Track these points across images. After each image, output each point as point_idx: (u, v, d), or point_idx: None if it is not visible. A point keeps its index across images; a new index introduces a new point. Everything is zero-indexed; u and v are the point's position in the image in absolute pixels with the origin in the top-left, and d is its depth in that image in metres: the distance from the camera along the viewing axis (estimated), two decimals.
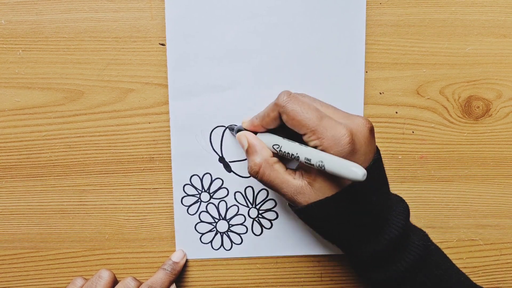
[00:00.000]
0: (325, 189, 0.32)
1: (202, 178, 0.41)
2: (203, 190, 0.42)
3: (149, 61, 0.40)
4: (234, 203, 0.42)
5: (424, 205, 0.43)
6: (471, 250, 0.43)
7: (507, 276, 0.44)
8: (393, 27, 0.41)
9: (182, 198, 0.42)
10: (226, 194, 0.42)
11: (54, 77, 0.40)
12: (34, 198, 0.42)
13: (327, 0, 0.39)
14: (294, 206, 0.35)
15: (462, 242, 0.44)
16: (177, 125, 0.40)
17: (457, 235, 0.44)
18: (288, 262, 0.43)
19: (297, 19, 0.39)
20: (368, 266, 0.35)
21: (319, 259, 0.43)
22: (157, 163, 0.41)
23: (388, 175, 0.42)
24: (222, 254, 0.43)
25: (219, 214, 0.42)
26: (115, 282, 0.39)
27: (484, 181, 0.43)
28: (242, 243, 0.42)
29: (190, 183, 0.41)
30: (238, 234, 0.42)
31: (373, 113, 0.42)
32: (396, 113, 0.42)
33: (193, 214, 0.42)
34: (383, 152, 0.42)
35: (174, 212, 0.42)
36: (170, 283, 0.40)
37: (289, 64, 0.40)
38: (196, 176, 0.41)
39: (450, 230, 0.43)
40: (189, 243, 0.42)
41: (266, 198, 0.42)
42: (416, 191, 0.43)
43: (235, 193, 0.42)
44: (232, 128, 0.40)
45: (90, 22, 0.39)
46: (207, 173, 0.41)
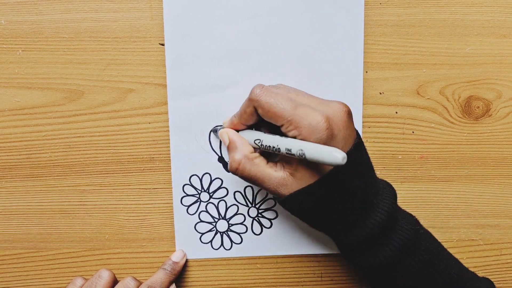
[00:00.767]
0: (306, 178, 0.32)
1: (201, 178, 0.41)
2: (203, 190, 0.42)
3: (149, 61, 0.40)
4: (234, 203, 0.42)
5: (424, 205, 0.43)
6: (471, 250, 0.43)
7: (507, 276, 0.44)
8: (393, 27, 0.41)
9: (182, 198, 0.42)
10: (225, 193, 0.42)
11: (54, 77, 0.40)
12: (34, 198, 0.42)
13: (326, 0, 0.39)
14: (277, 198, 0.34)
15: (462, 242, 0.43)
16: (176, 125, 0.40)
17: (457, 235, 0.44)
18: (288, 262, 0.43)
19: (296, 19, 0.39)
20: (355, 251, 0.34)
21: (319, 259, 0.43)
22: (157, 163, 0.41)
23: (388, 175, 0.42)
24: (222, 253, 0.43)
25: (219, 214, 0.42)
26: (115, 282, 0.39)
27: (484, 181, 0.43)
28: (242, 243, 0.42)
29: (189, 183, 0.41)
30: (238, 233, 0.42)
31: (373, 113, 0.42)
32: (396, 113, 0.42)
33: (192, 214, 0.42)
34: (383, 152, 0.42)
35: (174, 212, 0.42)
36: (170, 283, 0.40)
37: (287, 64, 0.40)
38: (195, 176, 0.41)
39: (450, 230, 0.43)
40: (189, 243, 0.42)
41: (266, 198, 0.42)
42: (416, 191, 0.43)
43: (235, 192, 0.42)
44: (215, 130, 0.40)
45: (90, 22, 0.39)
46: (207, 173, 0.41)
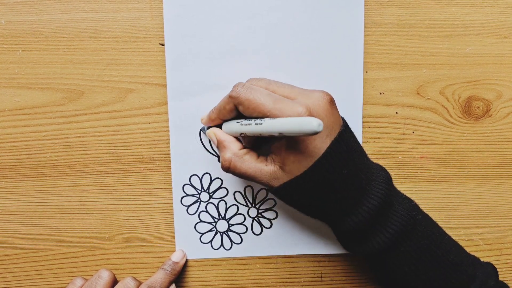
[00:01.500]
0: (295, 170, 0.32)
1: (201, 178, 0.41)
2: (203, 190, 0.42)
3: (149, 61, 0.40)
4: (234, 203, 0.42)
5: (424, 205, 0.43)
6: (471, 250, 0.43)
7: (507, 276, 0.44)
8: (393, 27, 0.41)
9: (182, 198, 0.42)
10: (225, 193, 0.42)
11: (54, 77, 0.40)
12: (34, 198, 0.42)
13: (326, 0, 0.39)
14: (270, 189, 0.35)
15: (462, 242, 0.43)
16: (176, 125, 0.40)
17: (457, 235, 0.44)
18: (288, 262, 0.43)
19: (296, 19, 0.39)
20: (350, 238, 0.34)
21: (319, 259, 0.43)
22: (157, 163, 0.41)
23: None
24: (222, 253, 0.43)
25: (219, 214, 0.42)
26: (115, 282, 0.39)
27: (484, 181, 0.43)
28: (242, 243, 0.42)
29: (189, 183, 0.41)
30: (238, 233, 0.42)
31: (373, 113, 0.42)
32: (396, 113, 0.42)
33: (192, 214, 0.42)
34: (383, 152, 0.42)
35: (174, 212, 0.42)
36: (170, 283, 0.40)
37: (287, 64, 0.40)
38: (195, 176, 0.41)
39: (450, 230, 0.43)
40: (189, 243, 0.42)
41: (266, 198, 0.42)
42: (416, 191, 0.43)
43: (235, 192, 0.42)
44: (203, 129, 0.40)
45: (90, 22, 0.39)
46: (207, 173, 0.41)
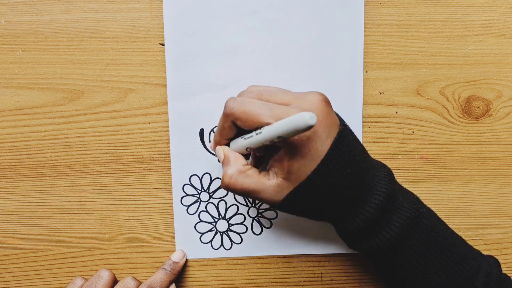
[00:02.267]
0: (301, 176, 0.32)
1: (201, 178, 0.41)
2: (203, 190, 0.42)
3: (149, 61, 0.40)
4: (234, 203, 0.42)
5: None
6: None
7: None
8: (393, 27, 0.41)
9: (182, 198, 0.42)
10: (225, 193, 0.42)
11: (54, 77, 0.40)
12: (34, 198, 0.42)
13: (326, 0, 0.39)
14: (273, 205, 0.34)
15: None
16: (176, 125, 0.40)
17: None
18: (288, 262, 0.43)
19: (295, 19, 0.39)
20: (357, 237, 0.34)
21: (319, 259, 0.43)
22: (157, 163, 0.41)
23: None
24: (222, 253, 0.43)
25: (219, 214, 0.42)
26: (115, 282, 0.39)
27: (484, 181, 0.43)
28: (242, 243, 0.42)
29: (189, 183, 0.41)
30: (238, 233, 0.42)
31: (373, 113, 0.42)
32: (396, 113, 0.42)
33: (192, 214, 0.42)
34: (383, 152, 0.42)
35: (173, 212, 0.42)
36: (170, 283, 0.40)
37: (287, 64, 0.40)
38: (195, 176, 0.41)
39: None
40: (189, 243, 0.42)
41: None
42: (416, 191, 0.43)
43: None
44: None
45: (90, 22, 0.39)
46: (207, 173, 0.41)
